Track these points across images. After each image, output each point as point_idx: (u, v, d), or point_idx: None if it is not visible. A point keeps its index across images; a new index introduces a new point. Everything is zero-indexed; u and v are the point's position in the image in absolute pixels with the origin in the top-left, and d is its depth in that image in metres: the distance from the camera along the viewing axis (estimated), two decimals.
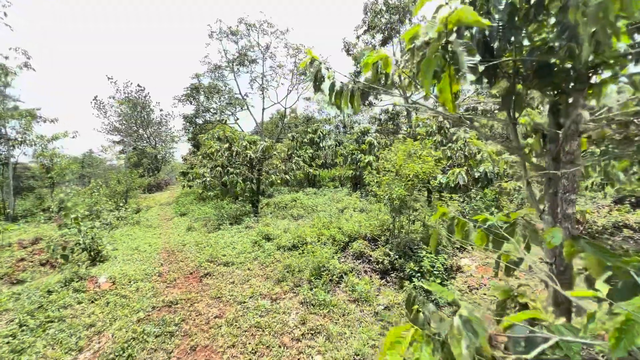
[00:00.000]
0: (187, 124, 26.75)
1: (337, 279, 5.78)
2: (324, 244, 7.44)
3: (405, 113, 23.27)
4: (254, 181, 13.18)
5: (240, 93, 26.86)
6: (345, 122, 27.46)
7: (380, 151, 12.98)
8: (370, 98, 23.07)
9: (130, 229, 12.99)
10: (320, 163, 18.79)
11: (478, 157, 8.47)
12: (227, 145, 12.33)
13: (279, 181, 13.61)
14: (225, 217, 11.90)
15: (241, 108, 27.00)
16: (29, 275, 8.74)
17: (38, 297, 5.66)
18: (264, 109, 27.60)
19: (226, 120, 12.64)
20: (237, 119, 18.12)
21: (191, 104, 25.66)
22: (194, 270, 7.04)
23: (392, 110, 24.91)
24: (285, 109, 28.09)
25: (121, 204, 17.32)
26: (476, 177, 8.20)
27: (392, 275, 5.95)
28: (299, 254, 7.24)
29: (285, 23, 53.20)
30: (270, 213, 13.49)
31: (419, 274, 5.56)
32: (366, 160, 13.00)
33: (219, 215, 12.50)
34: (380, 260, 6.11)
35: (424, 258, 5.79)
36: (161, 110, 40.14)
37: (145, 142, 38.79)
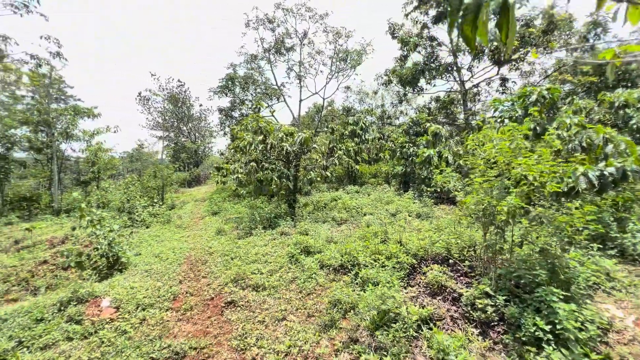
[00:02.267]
0: (224, 117, 26.10)
1: (413, 331, 3.83)
2: (383, 267, 5.51)
3: (461, 100, 20.23)
4: (291, 178, 11.54)
5: (276, 83, 25.57)
6: (390, 113, 24.94)
7: (443, 143, 10.63)
8: (422, 82, 20.42)
9: (160, 229, 12.11)
10: (367, 157, 16.70)
11: (604, 149, 5.91)
12: (261, 137, 10.81)
13: (318, 179, 11.85)
14: (258, 219, 10.43)
15: (277, 99, 25.71)
16: (46, 282, 7.93)
17: (24, 326, 4.45)
18: (301, 100, 26.09)
19: (260, 108, 11.18)
20: (274, 110, 16.70)
21: (227, 95, 24.88)
22: (216, 295, 5.51)
23: (445, 97, 21.93)
24: (324, 99, 26.30)
25: (156, 200, 16.82)
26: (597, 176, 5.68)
27: (499, 330, 3.86)
28: (351, 280, 5.38)
29: (324, 6, 51.06)
30: (309, 214, 11.82)
31: (552, 338, 3.43)
32: (425, 155, 10.71)
33: (252, 217, 11.08)
34: (478, 304, 4.04)
35: (555, 307, 3.63)
36: (200, 105, 40.66)
37: (185, 137, 39.46)
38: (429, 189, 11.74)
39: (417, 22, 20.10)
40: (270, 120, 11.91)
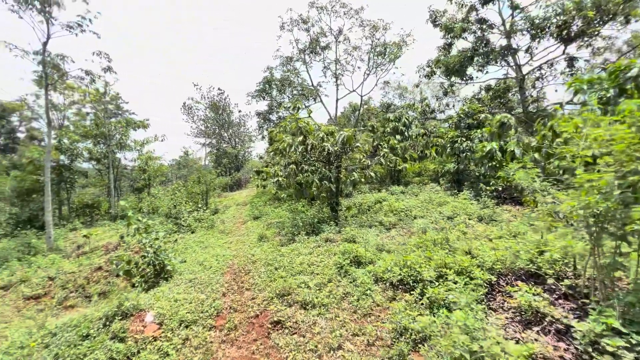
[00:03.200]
0: (262, 120, 26.33)
1: None
2: (454, 284, 4.58)
3: (517, 86, 18.07)
4: (332, 180, 10.88)
5: (312, 84, 25.17)
6: (434, 107, 23.27)
7: (510, 135, 9.22)
8: (470, 71, 18.63)
9: (204, 234, 12.16)
10: (416, 156, 15.49)
11: None
12: (301, 138, 10.31)
13: (362, 179, 11.05)
14: (300, 224, 9.91)
15: (314, 100, 25.30)
16: (99, 289, 8.12)
17: (70, 343, 4.29)
18: (337, 100, 25.39)
19: (299, 108, 10.73)
20: (311, 111, 16.23)
21: (264, 99, 25.05)
22: (260, 312, 5.00)
23: (497, 85, 19.82)
24: (361, 97, 25.33)
25: (200, 205, 17.21)
26: None
27: None
28: (415, 300, 4.54)
29: (359, 1, 49.78)
30: (352, 218, 11.07)
31: None
32: (486, 149, 9.40)
33: (293, 222, 10.61)
34: (606, 345, 2.99)
35: None
36: (240, 111, 41.87)
37: (226, 142, 40.87)
38: (488, 187, 10.37)
39: (462, 5, 18.37)
40: (310, 120, 11.38)
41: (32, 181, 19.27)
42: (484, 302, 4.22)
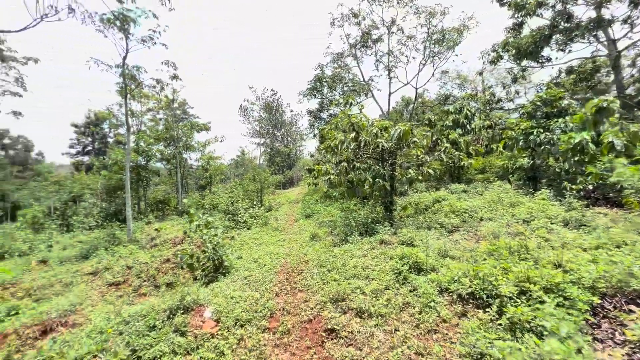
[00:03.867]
0: (313, 119, 26.51)
1: None
2: (541, 303, 3.81)
3: (610, 66, 15.18)
4: (386, 178, 10.28)
5: (363, 79, 24.49)
6: (500, 95, 20.89)
7: (611, 123, 7.61)
8: (547, 52, 16.24)
9: (259, 231, 12.53)
10: (483, 150, 14.04)
11: None
12: (353, 135, 9.93)
13: (420, 177, 10.26)
14: (353, 224, 9.56)
15: (365, 95, 24.61)
16: (167, 279, 8.79)
17: (139, 333, 4.58)
18: (390, 94, 24.31)
19: (352, 103, 10.35)
20: (362, 107, 15.73)
21: (315, 97, 25.14)
22: (314, 316, 4.79)
23: (582, 66, 16.93)
24: (416, 89, 23.87)
25: (255, 202, 17.90)
26: None
27: None
28: (491, 319, 3.88)
29: None
30: (409, 218, 10.37)
31: None
32: (575, 141, 7.93)
33: (346, 221, 10.30)
34: None
35: None
36: (292, 111, 42.95)
37: (279, 141, 42.28)
38: (574, 186, 8.82)
39: None
40: (362, 116, 10.92)
41: (117, 180, 22.12)
42: (587, 332, 3.40)
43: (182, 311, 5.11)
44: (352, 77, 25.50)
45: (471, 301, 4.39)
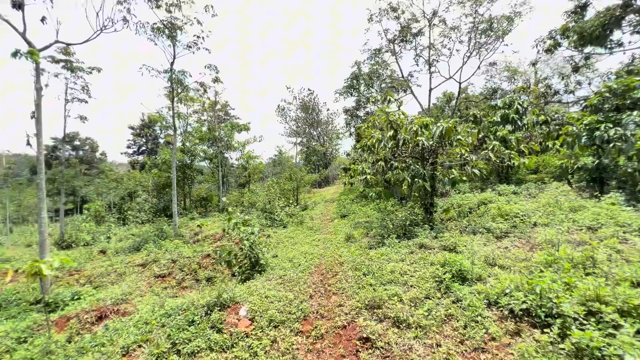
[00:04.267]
0: (349, 117, 26.19)
1: None
2: (615, 328, 3.25)
3: None
4: (427, 178, 9.73)
5: (402, 75, 23.60)
6: (557, 87, 18.86)
7: None
8: (617, 36, 14.32)
9: (294, 230, 12.62)
10: (538, 148, 12.78)
11: None
12: (391, 133, 9.53)
13: (463, 177, 9.56)
14: (390, 226, 9.19)
15: (404, 91, 23.72)
16: (207, 274, 9.16)
17: (179, 327, 4.76)
18: (431, 90, 23.14)
19: (390, 100, 9.93)
20: (401, 104, 15.10)
21: (352, 95, 24.78)
22: (348, 323, 4.61)
23: None
24: (459, 83, 22.45)
25: (291, 201, 18.11)
26: None
27: None
28: (551, 341, 3.40)
29: None
30: (451, 221, 9.75)
31: None
32: None
33: (382, 223, 9.95)
34: None
35: None
36: (328, 109, 42.95)
37: (315, 140, 42.52)
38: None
39: None
40: (401, 113, 10.45)
41: (165, 178, 23.78)
42: None
43: (219, 308, 5.23)
44: (390, 73, 24.73)
45: (526, 319, 3.91)
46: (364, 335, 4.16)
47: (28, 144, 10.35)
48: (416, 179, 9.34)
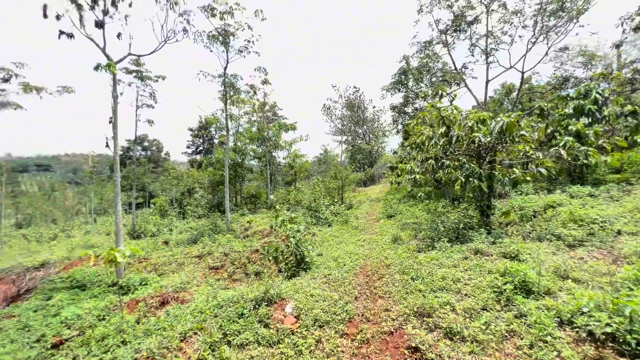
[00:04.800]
0: (396, 114, 25.32)
1: None
2: None
3: None
4: (483, 178, 8.94)
5: (455, 67, 22.10)
6: None
7: None
8: None
9: (339, 229, 12.57)
10: (625, 144, 11.05)
11: None
12: (443, 129, 8.96)
13: (527, 177, 8.61)
14: (441, 229, 8.65)
15: (457, 85, 22.18)
16: (255, 269, 9.55)
17: (230, 318, 5.01)
18: (487, 81, 21.32)
19: (442, 95, 9.34)
20: (453, 98, 14.06)
21: (399, 91, 23.89)
22: (395, 329, 4.42)
23: None
24: (522, 73, 20.30)
25: (336, 199, 18.09)
26: None
27: None
28: None
29: None
30: (512, 226, 8.88)
31: None
32: None
33: (432, 225, 9.41)
34: None
35: None
36: (374, 107, 42.06)
37: (360, 138, 42.00)
38: None
39: None
40: (454, 108, 9.74)
41: (219, 176, 25.45)
42: None
43: (266, 303, 5.39)
44: (442, 66, 23.30)
45: (610, 344, 3.34)
46: (413, 345, 3.94)
47: (107, 145, 11.81)
48: (471, 179, 8.65)
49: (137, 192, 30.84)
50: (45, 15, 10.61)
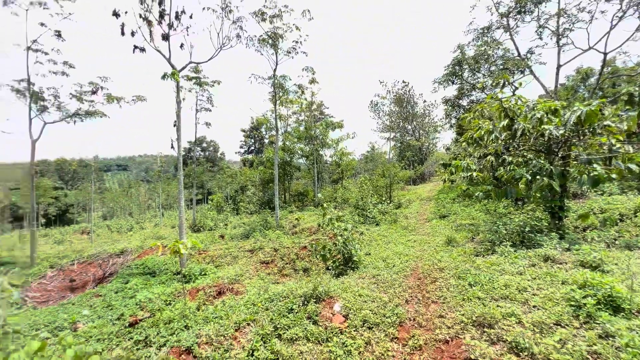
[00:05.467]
0: (449, 108, 23.76)
1: None
2: None
3: None
4: (554, 176, 7.90)
5: (518, 53, 19.95)
6: None
7: None
8: None
9: (387, 229, 12.21)
10: None
11: None
12: (505, 122, 8.13)
13: (612, 175, 7.41)
14: (502, 231, 7.89)
15: (521, 72, 19.98)
16: (304, 265, 9.73)
17: (280, 312, 5.17)
18: (559, 67, 18.82)
19: (505, 84, 8.47)
20: (516, 87, 12.67)
21: (453, 83, 22.35)
22: (451, 338, 4.13)
23: None
24: (605, 54, 17.54)
25: (384, 198, 17.62)
26: None
27: None
28: None
29: None
30: (591, 231, 7.78)
31: None
32: None
33: (492, 227, 8.63)
34: None
35: None
36: (424, 101, 39.98)
37: (409, 135, 40.35)
38: None
39: None
40: (518, 99, 8.77)
41: (269, 174, 26.54)
42: None
43: (314, 300, 5.44)
44: (503, 53, 21.23)
45: None
46: (472, 357, 3.63)
47: (172, 147, 13.05)
48: (538, 177, 7.72)
49: (196, 189, 33.64)
50: (122, 33, 12.04)
